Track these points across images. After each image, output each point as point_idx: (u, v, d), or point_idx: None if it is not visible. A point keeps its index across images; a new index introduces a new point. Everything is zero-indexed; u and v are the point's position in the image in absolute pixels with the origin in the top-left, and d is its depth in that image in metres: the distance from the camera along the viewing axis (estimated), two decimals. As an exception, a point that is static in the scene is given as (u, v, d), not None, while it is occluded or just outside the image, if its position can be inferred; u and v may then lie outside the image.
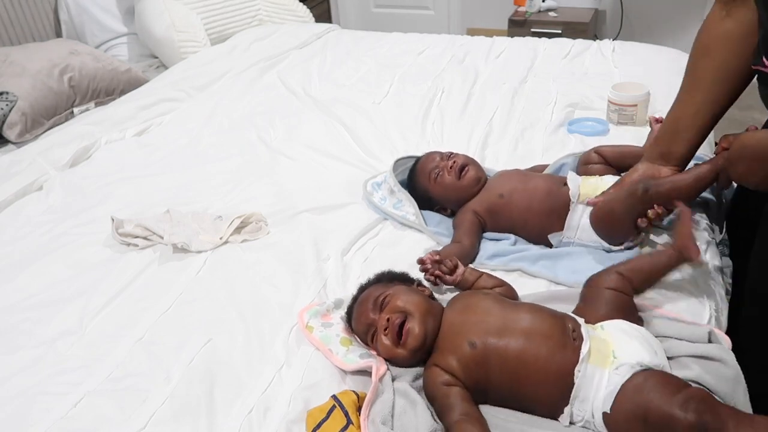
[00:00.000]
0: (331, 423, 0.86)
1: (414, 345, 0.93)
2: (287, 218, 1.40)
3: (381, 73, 2.21)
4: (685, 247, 1.02)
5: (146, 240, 1.34)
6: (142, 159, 1.75)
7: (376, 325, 0.97)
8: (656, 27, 3.46)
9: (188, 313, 1.14)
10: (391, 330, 0.94)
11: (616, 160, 1.35)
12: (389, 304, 0.97)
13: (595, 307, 0.98)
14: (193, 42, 2.47)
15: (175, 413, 0.93)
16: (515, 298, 1.08)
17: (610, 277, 1.01)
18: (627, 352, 0.86)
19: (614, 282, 1.00)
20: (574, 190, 1.23)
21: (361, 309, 1.01)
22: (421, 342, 0.94)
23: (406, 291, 1.00)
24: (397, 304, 0.96)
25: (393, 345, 0.95)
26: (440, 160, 1.37)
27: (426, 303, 0.98)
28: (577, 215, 1.22)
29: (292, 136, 1.81)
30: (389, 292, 0.99)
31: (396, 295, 0.98)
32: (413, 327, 0.94)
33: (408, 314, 0.95)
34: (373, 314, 0.98)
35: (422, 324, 0.94)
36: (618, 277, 1.01)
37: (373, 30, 2.74)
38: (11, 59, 2.01)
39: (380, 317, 0.96)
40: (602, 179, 1.26)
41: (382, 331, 0.96)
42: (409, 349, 0.94)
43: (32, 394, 0.99)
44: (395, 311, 0.96)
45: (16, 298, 1.22)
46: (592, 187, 1.24)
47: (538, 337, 0.89)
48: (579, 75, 2.06)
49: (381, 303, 0.98)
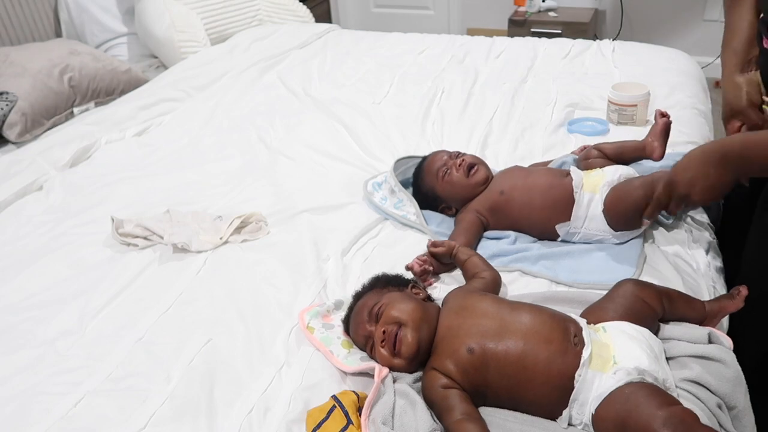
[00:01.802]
0: (331, 423, 0.86)
1: (408, 354, 0.94)
2: (287, 218, 1.40)
3: (381, 73, 2.21)
4: (713, 317, 1.02)
5: (146, 240, 1.34)
6: (142, 159, 1.75)
7: (374, 337, 0.98)
8: (656, 27, 3.46)
9: (188, 313, 1.14)
10: (388, 342, 0.95)
11: (615, 155, 1.35)
12: (384, 314, 0.97)
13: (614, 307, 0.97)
14: (193, 42, 2.47)
15: (175, 413, 0.93)
16: (499, 285, 1.11)
17: (647, 291, 0.99)
18: (627, 356, 0.86)
19: (648, 295, 0.98)
20: (578, 180, 1.24)
21: (357, 320, 1.02)
22: (415, 350, 0.94)
23: (400, 299, 1.00)
24: (391, 314, 0.97)
25: (390, 355, 0.95)
26: (448, 159, 1.37)
27: (420, 310, 0.98)
28: (584, 205, 1.22)
29: (292, 136, 1.81)
30: (383, 301, 0.99)
31: (390, 305, 0.98)
32: (406, 336, 0.94)
33: (402, 324, 0.95)
34: (370, 326, 0.99)
35: (415, 332, 0.94)
36: (654, 293, 0.99)
37: (373, 30, 2.73)
38: (11, 59, 2.01)
39: (377, 329, 0.97)
40: (603, 171, 1.26)
41: (379, 343, 0.96)
42: (404, 358, 0.94)
43: (32, 394, 0.99)
44: (390, 322, 0.96)
45: (16, 298, 1.22)
46: (595, 179, 1.24)
47: (538, 341, 0.89)
48: (579, 75, 2.06)
49: (376, 314, 0.99)
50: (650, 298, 0.98)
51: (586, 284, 1.12)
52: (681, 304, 1.02)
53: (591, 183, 1.23)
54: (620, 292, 0.99)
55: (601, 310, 0.97)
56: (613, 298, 0.99)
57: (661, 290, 1.01)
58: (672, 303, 1.00)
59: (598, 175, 1.25)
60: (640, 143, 1.32)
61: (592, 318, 0.96)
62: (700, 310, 1.02)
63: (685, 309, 1.01)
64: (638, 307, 0.96)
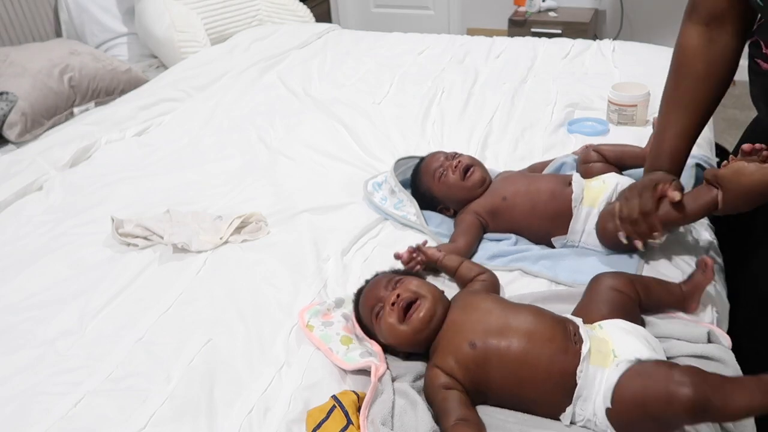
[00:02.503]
0: (331, 423, 0.86)
1: (418, 325, 0.94)
2: (287, 218, 1.40)
3: (381, 73, 2.21)
4: (691, 297, 1.03)
5: (146, 240, 1.34)
6: (142, 159, 1.75)
7: (384, 301, 0.98)
8: (656, 27, 3.46)
9: (188, 313, 1.14)
10: (398, 306, 0.95)
11: (615, 159, 1.35)
12: (402, 284, 0.99)
13: (597, 306, 0.98)
14: (193, 42, 2.47)
15: (175, 413, 0.93)
16: (498, 285, 1.11)
17: (618, 279, 1.01)
18: (626, 349, 0.86)
19: (621, 284, 1.00)
20: (578, 193, 1.23)
21: (372, 288, 1.03)
22: (426, 323, 0.94)
23: (421, 279, 1.03)
24: (410, 287, 0.98)
25: (397, 321, 0.95)
26: (445, 160, 1.37)
27: (439, 292, 1.01)
28: (581, 220, 1.22)
29: (292, 136, 1.81)
30: (404, 278, 1.02)
31: (410, 280, 1.00)
32: (423, 305, 0.95)
33: (420, 296, 0.96)
34: (384, 292, 0.99)
35: (432, 306, 0.95)
36: (625, 280, 1.01)
37: (373, 30, 2.74)
38: (11, 59, 2.01)
39: (390, 293, 0.98)
40: (605, 182, 1.25)
41: (388, 305, 0.96)
42: (412, 327, 0.94)
43: (32, 394, 0.99)
44: (407, 291, 0.97)
45: (16, 298, 1.22)
46: (595, 191, 1.23)
47: (540, 340, 0.89)
48: (579, 75, 2.06)
49: (395, 283, 1.00)
50: (623, 287, 0.99)
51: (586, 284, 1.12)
52: (656, 288, 1.03)
53: (591, 196, 1.22)
54: (597, 288, 1.01)
55: (587, 310, 0.98)
56: (593, 298, 1.00)
57: (632, 277, 1.03)
58: (647, 289, 1.02)
59: (599, 187, 1.24)
60: (641, 151, 1.32)
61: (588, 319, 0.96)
62: (677, 293, 1.03)
63: (661, 293, 1.03)
64: (618, 299, 0.98)
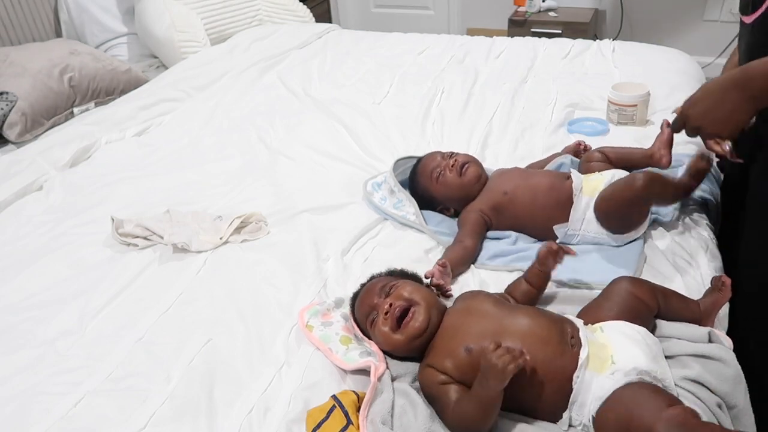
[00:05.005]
0: (331, 423, 0.86)
1: (413, 332, 0.94)
2: (287, 218, 1.40)
3: (381, 73, 2.21)
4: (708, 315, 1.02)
5: (146, 240, 1.34)
6: (142, 159, 1.75)
7: (378, 309, 0.97)
8: (656, 27, 3.46)
9: (188, 313, 1.14)
10: (392, 315, 0.95)
11: (618, 160, 1.35)
12: (395, 291, 0.98)
13: (608, 306, 0.97)
14: (193, 42, 2.47)
15: (175, 413, 0.93)
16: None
17: (639, 287, 0.99)
18: (625, 356, 0.86)
19: (641, 291, 0.98)
20: (578, 183, 1.24)
21: (366, 294, 1.02)
22: (421, 331, 0.94)
23: (415, 284, 1.02)
24: (402, 293, 0.97)
25: (391, 331, 0.95)
26: (441, 160, 1.37)
27: (433, 297, 1.00)
28: (581, 207, 1.22)
29: (292, 136, 1.81)
30: (397, 282, 1.01)
31: (403, 286, 0.99)
32: (418, 313, 0.94)
33: (414, 303, 0.96)
34: (378, 299, 0.99)
35: (427, 313, 0.95)
36: (647, 289, 0.99)
37: (373, 30, 2.73)
38: (11, 59, 2.01)
39: (383, 301, 0.97)
40: (602, 174, 1.26)
41: (382, 314, 0.96)
42: (407, 335, 0.94)
43: (32, 394, 0.99)
44: (400, 299, 0.97)
45: (16, 298, 1.22)
46: (594, 182, 1.24)
47: (535, 343, 0.88)
48: (579, 75, 2.06)
49: (388, 290, 0.99)
50: (645, 295, 0.98)
51: (586, 284, 1.12)
52: (676, 302, 1.02)
53: (590, 186, 1.24)
54: (615, 290, 0.99)
55: (598, 309, 0.98)
56: (608, 297, 0.99)
57: (655, 287, 1.01)
58: (667, 300, 1.00)
59: (596, 178, 1.25)
60: (647, 151, 1.33)
61: (589, 318, 0.96)
62: (696, 311, 1.02)
63: (680, 307, 1.01)
64: (634, 305, 0.96)
